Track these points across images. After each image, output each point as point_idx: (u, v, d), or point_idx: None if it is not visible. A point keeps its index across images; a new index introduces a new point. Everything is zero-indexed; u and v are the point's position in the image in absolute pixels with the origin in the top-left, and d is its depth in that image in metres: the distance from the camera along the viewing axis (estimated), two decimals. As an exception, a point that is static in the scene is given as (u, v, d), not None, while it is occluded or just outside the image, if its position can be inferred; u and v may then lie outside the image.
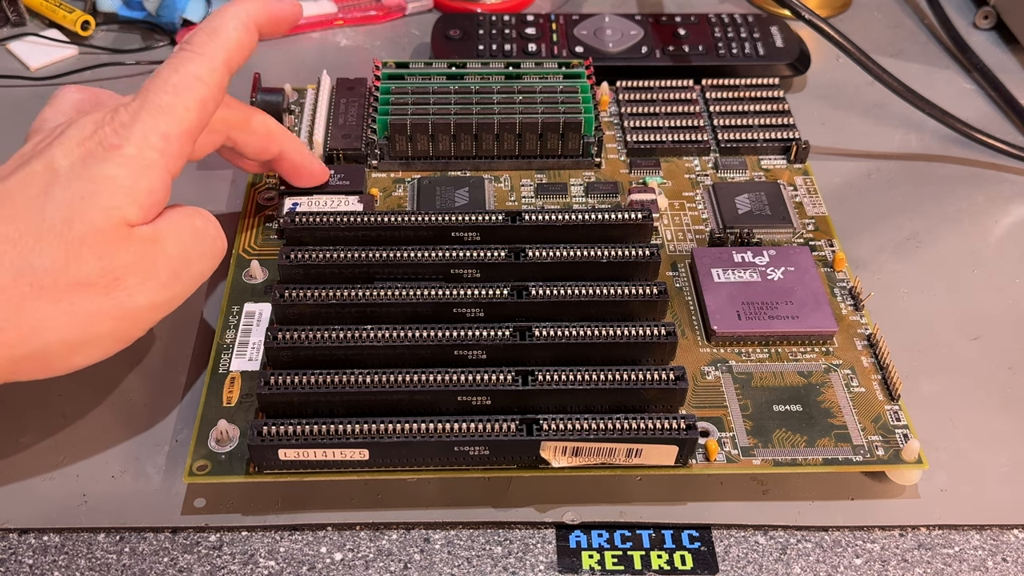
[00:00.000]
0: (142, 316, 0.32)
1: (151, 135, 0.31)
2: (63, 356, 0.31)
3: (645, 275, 0.37)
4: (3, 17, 0.54)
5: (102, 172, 0.30)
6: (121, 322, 0.31)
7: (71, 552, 0.32)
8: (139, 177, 0.31)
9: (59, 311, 0.30)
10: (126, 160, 0.31)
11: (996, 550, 0.33)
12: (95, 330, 0.31)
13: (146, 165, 0.31)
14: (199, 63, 0.33)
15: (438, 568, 0.32)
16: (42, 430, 0.35)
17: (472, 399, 0.33)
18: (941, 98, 0.48)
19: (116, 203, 0.30)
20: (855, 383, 0.36)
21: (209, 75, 0.33)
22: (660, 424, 0.32)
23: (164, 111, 0.32)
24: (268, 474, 0.33)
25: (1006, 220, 0.45)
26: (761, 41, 0.51)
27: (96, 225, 0.30)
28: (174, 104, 0.32)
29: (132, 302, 0.31)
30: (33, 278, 0.29)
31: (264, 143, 0.39)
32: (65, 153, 0.31)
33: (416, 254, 0.36)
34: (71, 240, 0.30)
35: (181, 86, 0.32)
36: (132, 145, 0.31)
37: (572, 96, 0.44)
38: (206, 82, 0.33)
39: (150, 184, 0.31)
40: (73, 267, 0.30)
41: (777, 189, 0.44)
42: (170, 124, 0.32)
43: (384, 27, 0.57)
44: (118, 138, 0.31)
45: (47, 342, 0.30)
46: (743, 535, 0.33)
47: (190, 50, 0.33)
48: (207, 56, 0.33)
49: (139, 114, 0.31)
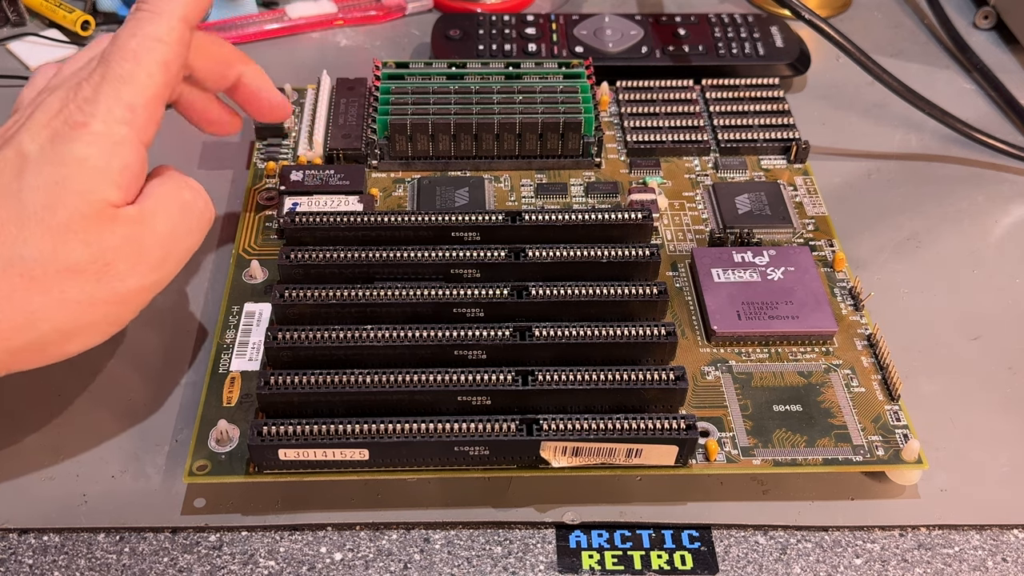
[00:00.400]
0: (134, 299, 0.31)
1: (116, 108, 0.30)
2: (58, 344, 0.31)
3: (645, 275, 0.37)
4: (3, 17, 0.54)
5: (72, 153, 0.30)
6: (114, 306, 0.31)
7: (71, 552, 0.32)
8: (111, 155, 0.30)
9: (51, 300, 0.29)
10: (95, 138, 0.30)
11: (996, 550, 0.33)
12: (88, 316, 0.30)
13: (115, 142, 0.30)
14: (157, 23, 0.31)
15: (438, 568, 0.32)
16: (42, 430, 0.35)
17: (472, 399, 0.33)
18: (941, 98, 0.48)
19: (93, 186, 0.30)
20: (855, 383, 0.36)
21: (168, 34, 0.32)
22: (660, 424, 0.32)
23: (126, 80, 0.31)
24: (268, 474, 0.33)
25: (1006, 220, 0.45)
26: (761, 41, 0.51)
27: (79, 211, 0.29)
28: (135, 72, 0.31)
29: (123, 286, 0.31)
30: (23, 268, 0.29)
31: (221, 68, 0.37)
32: (32, 136, 0.30)
33: (416, 254, 0.36)
34: (55, 228, 0.29)
35: (141, 51, 0.31)
36: (98, 121, 0.30)
37: (572, 96, 0.44)
38: (166, 42, 0.31)
39: (123, 161, 0.30)
40: (61, 255, 0.29)
41: (777, 189, 0.44)
42: (134, 94, 0.31)
43: (384, 27, 0.57)
44: (83, 115, 0.30)
45: (42, 332, 0.30)
46: (743, 535, 0.33)
47: (147, 9, 0.32)
48: (164, 14, 0.32)
49: (101, 87, 0.30)
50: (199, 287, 0.40)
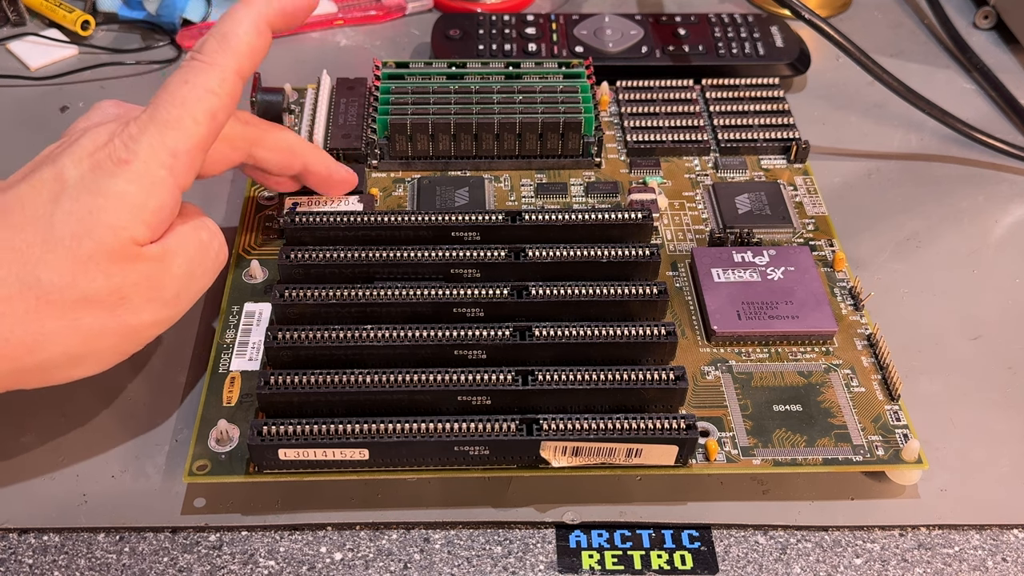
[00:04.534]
0: (144, 333, 0.32)
1: (159, 151, 0.31)
2: (64, 368, 0.31)
3: (645, 275, 0.37)
4: (3, 17, 0.54)
5: (111, 187, 0.30)
6: (123, 338, 0.31)
7: (71, 552, 0.32)
8: (148, 195, 0.30)
9: (63, 326, 0.30)
10: (135, 176, 0.30)
11: (996, 550, 0.33)
12: (97, 345, 0.31)
13: (154, 182, 0.31)
14: (210, 74, 0.32)
15: (438, 568, 0.32)
16: (42, 430, 0.35)
17: (472, 399, 0.33)
18: (941, 98, 0.48)
19: (124, 222, 0.30)
20: (855, 383, 0.36)
21: (220, 86, 0.32)
22: (660, 424, 0.32)
23: (172, 125, 0.31)
24: (268, 474, 0.33)
25: (1006, 220, 0.45)
26: (761, 41, 0.51)
27: (105, 244, 0.30)
28: (183, 118, 0.31)
29: (136, 320, 0.31)
30: (40, 292, 0.29)
31: (286, 159, 0.38)
32: (75, 163, 0.30)
33: (416, 254, 0.36)
34: (79, 257, 0.29)
35: (190, 99, 0.31)
36: (140, 161, 0.30)
37: (572, 96, 0.44)
38: (217, 93, 0.32)
39: (159, 202, 0.31)
40: (81, 284, 0.30)
41: (777, 189, 0.44)
42: (178, 139, 0.31)
43: (384, 27, 0.57)
44: (127, 152, 0.30)
45: (50, 355, 0.30)
46: (743, 535, 0.33)
47: (200, 60, 0.32)
48: (218, 66, 0.32)
49: (147, 128, 0.31)
50: (199, 287, 0.40)
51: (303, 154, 0.38)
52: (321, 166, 0.39)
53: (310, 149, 0.38)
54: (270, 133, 0.37)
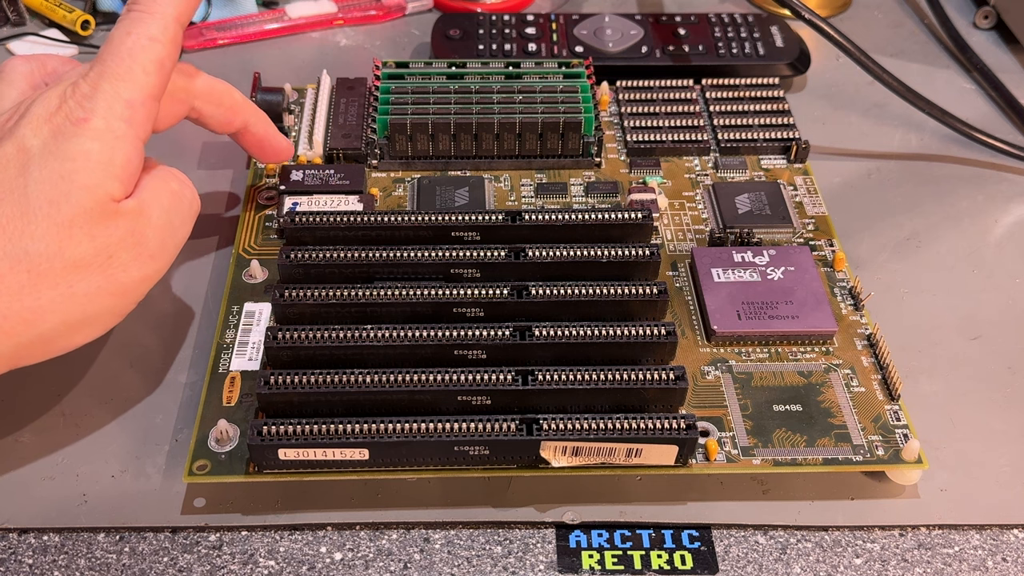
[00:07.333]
0: (135, 289, 0.32)
1: (115, 104, 0.31)
2: (65, 337, 0.31)
3: (645, 275, 0.37)
4: (3, 17, 0.54)
5: (75, 148, 0.30)
6: (118, 298, 0.32)
7: (71, 552, 0.32)
8: (113, 150, 0.31)
9: (59, 295, 0.30)
10: (97, 133, 0.30)
11: (996, 550, 0.33)
12: (94, 308, 0.31)
13: (116, 136, 0.31)
14: (150, 22, 0.32)
15: (438, 568, 0.32)
16: (42, 430, 0.35)
17: (472, 399, 0.33)
18: (941, 98, 0.48)
19: (97, 180, 0.30)
20: (855, 383, 0.36)
21: (163, 33, 0.32)
22: (660, 424, 0.32)
23: (123, 77, 0.31)
24: (268, 474, 0.33)
25: (1006, 220, 0.45)
26: (761, 41, 0.51)
27: (83, 206, 0.30)
28: (132, 68, 0.31)
29: (127, 277, 0.31)
30: (30, 264, 0.29)
31: (226, 114, 0.38)
32: (34, 131, 0.30)
33: (416, 254, 0.36)
34: (61, 223, 0.30)
35: (136, 49, 0.31)
36: (99, 117, 0.31)
37: (572, 96, 0.44)
38: (160, 40, 0.32)
39: (125, 155, 0.31)
40: (68, 250, 0.30)
41: (777, 189, 0.44)
42: (132, 90, 0.31)
43: (384, 27, 0.57)
44: (83, 111, 0.31)
45: (50, 326, 0.30)
46: (743, 535, 0.33)
47: (139, 9, 0.32)
48: (157, 13, 0.32)
49: (99, 84, 0.31)
50: (199, 287, 0.40)
51: (244, 112, 0.39)
52: (260, 127, 0.40)
53: (252, 110, 0.39)
54: (213, 87, 0.37)
